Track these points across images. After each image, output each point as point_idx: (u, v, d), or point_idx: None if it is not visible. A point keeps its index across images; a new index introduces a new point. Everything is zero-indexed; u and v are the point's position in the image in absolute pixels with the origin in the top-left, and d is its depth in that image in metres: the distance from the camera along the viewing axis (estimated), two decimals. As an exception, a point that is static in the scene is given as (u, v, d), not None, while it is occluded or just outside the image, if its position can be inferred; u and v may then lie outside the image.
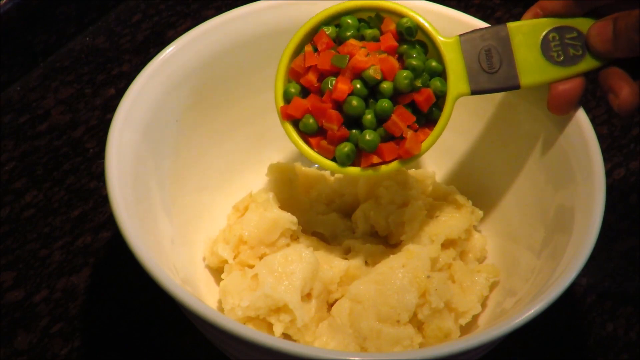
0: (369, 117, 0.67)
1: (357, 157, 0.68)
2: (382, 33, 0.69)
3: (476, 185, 0.82)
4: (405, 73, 0.67)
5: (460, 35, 0.68)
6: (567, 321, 0.81)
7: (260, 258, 0.75)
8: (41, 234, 0.84)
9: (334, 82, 0.67)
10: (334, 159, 0.69)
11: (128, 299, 0.80)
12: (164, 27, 1.02)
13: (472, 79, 0.68)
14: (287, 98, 0.69)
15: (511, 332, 0.61)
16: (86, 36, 1.01)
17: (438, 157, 0.84)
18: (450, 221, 0.77)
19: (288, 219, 0.76)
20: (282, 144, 0.85)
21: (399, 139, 0.68)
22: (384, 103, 0.67)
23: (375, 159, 0.68)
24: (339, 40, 0.69)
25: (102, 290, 0.81)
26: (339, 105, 0.67)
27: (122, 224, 0.63)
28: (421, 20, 0.68)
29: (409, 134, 0.68)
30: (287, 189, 0.80)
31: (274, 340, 0.59)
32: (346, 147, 0.68)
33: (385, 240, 0.79)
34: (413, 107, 0.68)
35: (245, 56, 0.79)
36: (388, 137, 0.68)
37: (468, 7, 1.06)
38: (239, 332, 0.59)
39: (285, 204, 0.79)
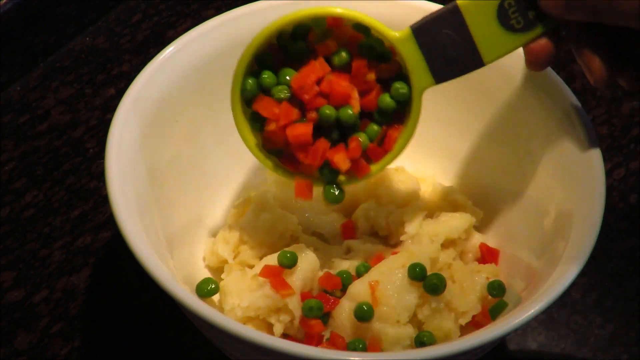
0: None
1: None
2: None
3: (476, 185, 0.82)
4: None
5: (411, 27, 0.66)
6: (567, 321, 0.81)
7: (260, 258, 0.75)
8: (41, 234, 0.84)
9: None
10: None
11: (128, 299, 0.80)
12: (164, 27, 1.02)
13: (434, 69, 0.66)
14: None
15: (511, 332, 0.61)
16: (86, 36, 1.01)
17: (438, 157, 0.84)
18: (450, 221, 0.77)
19: (288, 219, 0.76)
20: (282, 144, 0.85)
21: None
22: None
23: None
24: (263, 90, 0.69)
25: (102, 290, 0.81)
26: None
27: (122, 224, 0.63)
28: (370, 20, 0.66)
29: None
30: (287, 189, 0.80)
31: (274, 340, 0.59)
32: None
33: (385, 240, 0.79)
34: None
35: (245, 56, 0.79)
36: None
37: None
38: (239, 332, 0.59)
39: (285, 204, 0.79)
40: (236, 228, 0.76)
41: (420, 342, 0.69)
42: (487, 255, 0.78)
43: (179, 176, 0.77)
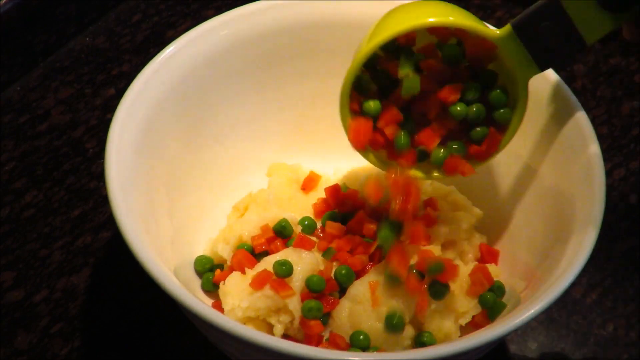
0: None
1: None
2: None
3: (476, 185, 0.82)
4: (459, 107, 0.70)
5: (511, 23, 0.67)
6: (567, 321, 0.81)
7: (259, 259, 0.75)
8: (41, 234, 0.84)
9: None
10: None
11: (128, 299, 0.80)
12: (164, 27, 1.02)
13: (538, 59, 0.68)
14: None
15: (511, 333, 0.61)
16: (86, 36, 1.01)
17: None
18: (450, 221, 0.77)
19: (288, 219, 0.76)
20: (283, 144, 0.85)
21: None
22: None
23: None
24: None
25: (102, 290, 0.81)
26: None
27: (122, 224, 0.63)
28: (467, 23, 0.67)
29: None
30: (287, 189, 0.80)
31: (274, 340, 0.59)
32: None
33: (385, 240, 0.79)
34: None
35: (245, 56, 0.79)
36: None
37: (469, 6, 1.05)
38: (239, 332, 0.59)
39: (285, 204, 0.79)
40: (236, 228, 0.76)
41: (420, 342, 0.69)
42: (487, 255, 0.78)
43: (179, 176, 0.77)
